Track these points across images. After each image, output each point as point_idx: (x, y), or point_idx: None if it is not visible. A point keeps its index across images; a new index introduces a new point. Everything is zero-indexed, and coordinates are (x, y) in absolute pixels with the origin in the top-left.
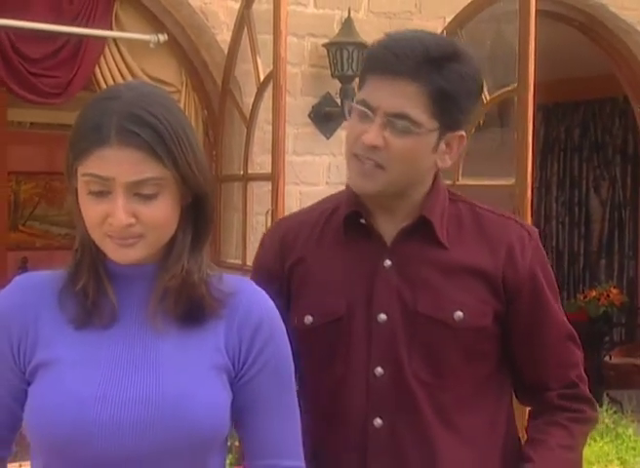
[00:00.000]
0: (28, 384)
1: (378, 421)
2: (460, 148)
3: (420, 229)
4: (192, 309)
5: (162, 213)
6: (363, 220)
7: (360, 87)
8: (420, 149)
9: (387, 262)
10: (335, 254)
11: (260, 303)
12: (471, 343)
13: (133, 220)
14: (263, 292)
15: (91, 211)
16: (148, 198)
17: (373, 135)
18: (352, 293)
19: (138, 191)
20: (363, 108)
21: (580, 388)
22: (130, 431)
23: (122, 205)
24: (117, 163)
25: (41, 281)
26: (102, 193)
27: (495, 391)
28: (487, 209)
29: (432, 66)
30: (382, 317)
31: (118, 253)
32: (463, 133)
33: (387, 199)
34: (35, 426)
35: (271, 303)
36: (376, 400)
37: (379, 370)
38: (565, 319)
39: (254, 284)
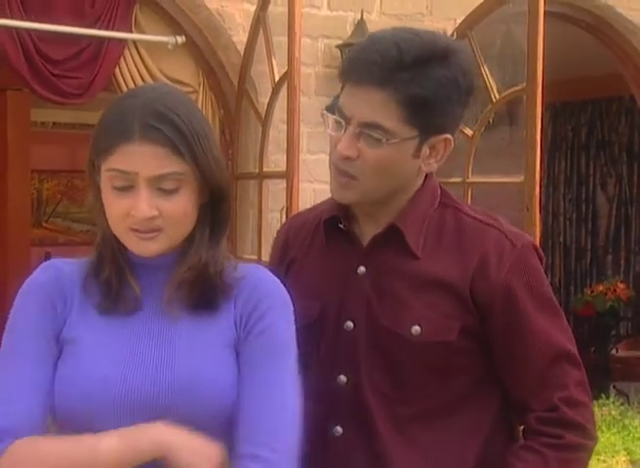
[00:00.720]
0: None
1: (338, 430)
2: (446, 151)
3: (394, 237)
4: (206, 297)
5: (182, 207)
6: (342, 225)
7: (341, 91)
8: (396, 158)
9: (362, 269)
10: (318, 257)
11: (265, 280)
12: (436, 358)
13: (155, 213)
14: (272, 275)
15: (115, 205)
16: (170, 192)
17: (345, 145)
18: (327, 298)
19: (160, 186)
20: (337, 117)
21: (563, 411)
22: (149, 411)
23: (145, 198)
24: (140, 158)
25: (68, 266)
26: (126, 188)
27: (472, 409)
28: (474, 215)
29: (404, 73)
30: (349, 325)
31: (140, 247)
32: (449, 136)
33: (370, 206)
34: (58, 407)
35: (279, 285)
36: (336, 408)
37: (342, 377)
38: (558, 336)
39: (266, 270)
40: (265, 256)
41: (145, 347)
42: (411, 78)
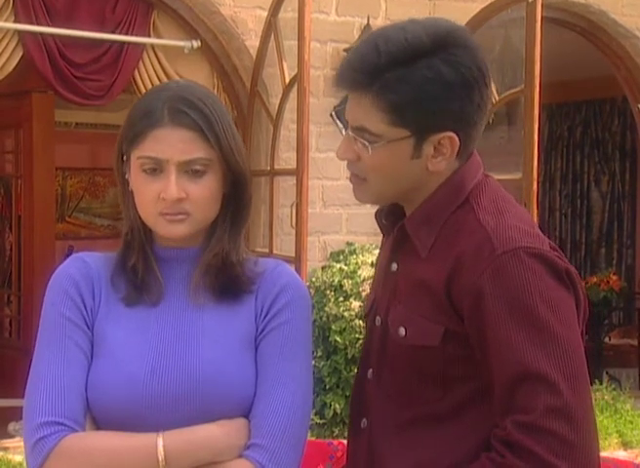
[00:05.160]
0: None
1: (364, 422)
2: (453, 149)
3: (408, 236)
4: (229, 285)
5: (208, 191)
6: (384, 220)
7: None
8: (392, 159)
9: (394, 266)
10: (383, 250)
11: (285, 275)
12: (427, 364)
13: (184, 195)
14: (292, 270)
15: (146, 189)
16: (197, 176)
17: (342, 149)
18: (376, 292)
19: (188, 169)
20: (338, 122)
21: (510, 433)
22: (176, 403)
23: (174, 180)
24: (170, 142)
25: (94, 260)
26: (156, 171)
27: (471, 417)
28: (478, 215)
29: (381, 76)
30: (378, 320)
31: (169, 229)
32: (450, 133)
33: (404, 203)
34: (90, 403)
35: (299, 280)
36: (364, 401)
37: (370, 372)
38: (529, 354)
39: (286, 265)
40: (276, 250)
41: (170, 341)
42: (388, 81)
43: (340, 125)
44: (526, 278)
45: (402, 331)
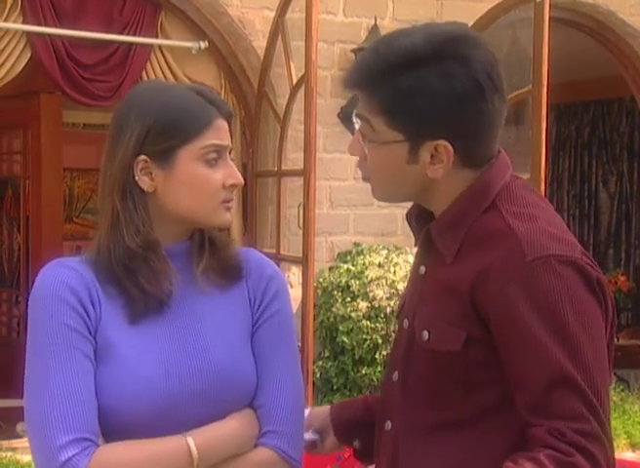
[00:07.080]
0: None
1: (388, 424)
2: (449, 158)
3: (432, 241)
4: (228, 267)
5: None
6: (414, 222)
7: None
8: (389, 161)
9: (422, 269)
10: (416, 252)
11: (269, 264)
12: (451, 369)
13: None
14: (266, 257)
15: (208, 180)
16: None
17: (351, 146)
18: (407, 294)
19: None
20: (354, 118)
21: (572, 438)
22: (194, 398)
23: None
24: (225, 131)
25: (79, 266)
26: (217, 160)
27: (498, 424)
28: (508, 220)
29: (376, 79)
30: (406, 322)
31: (227, 217)
32: (442, 142)
33: (421, 204)
34: (110, 409)
35: (276, 267)
36: (390, 402)
37: (395, 374)
38: (562, 359)
39: (258, 252)
40: (283, 250)
41: (179, 337)
42: (379, 85)
43: (355, 119)
44: (556, 285)
45: (425, 334)
